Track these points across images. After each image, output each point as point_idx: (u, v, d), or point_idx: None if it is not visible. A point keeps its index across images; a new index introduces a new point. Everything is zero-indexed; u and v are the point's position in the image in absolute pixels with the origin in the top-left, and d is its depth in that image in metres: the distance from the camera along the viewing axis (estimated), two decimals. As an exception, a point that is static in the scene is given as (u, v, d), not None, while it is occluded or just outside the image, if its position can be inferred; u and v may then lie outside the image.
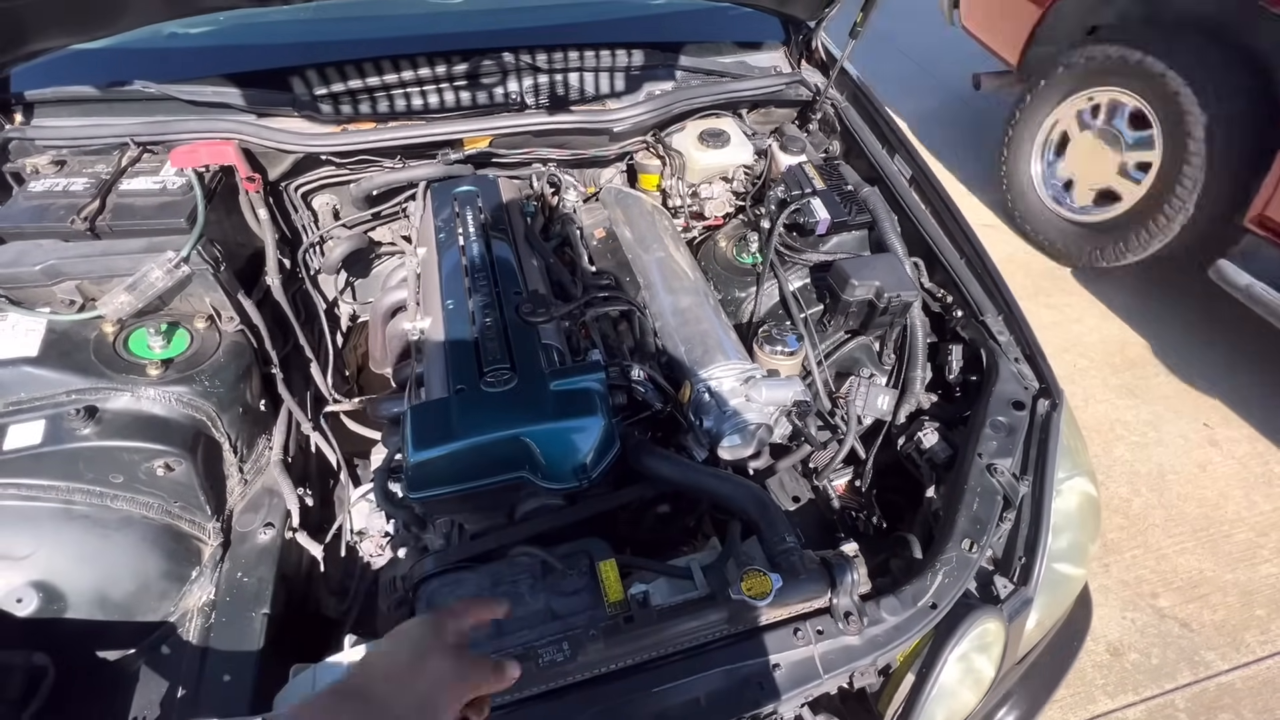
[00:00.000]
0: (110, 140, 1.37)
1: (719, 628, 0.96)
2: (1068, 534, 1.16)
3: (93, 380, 1.17)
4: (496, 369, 1.12)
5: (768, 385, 1.20)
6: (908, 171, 1.56)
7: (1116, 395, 2.70)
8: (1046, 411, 1.20)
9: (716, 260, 1.60)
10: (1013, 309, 1.31)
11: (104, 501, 1.14)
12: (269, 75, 1.47)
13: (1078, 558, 1.18)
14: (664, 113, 1.57)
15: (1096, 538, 1.21)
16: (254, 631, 1.19)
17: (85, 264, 1.22)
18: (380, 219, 1.68)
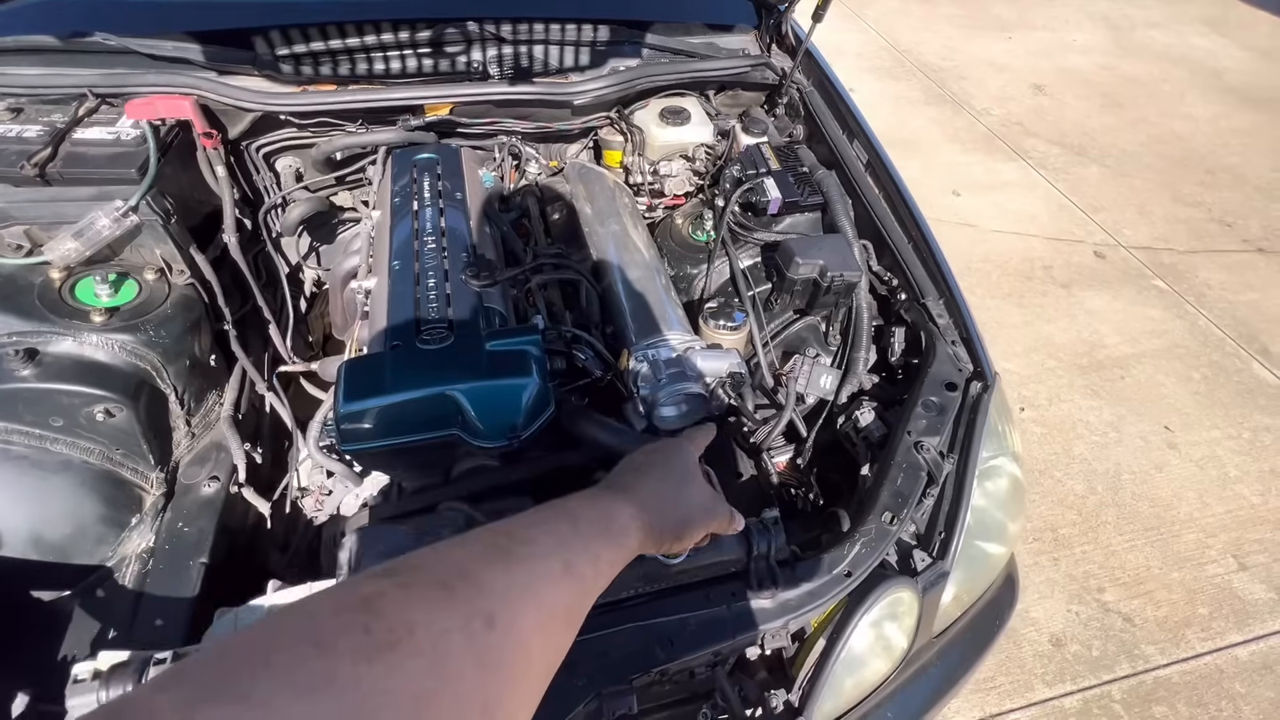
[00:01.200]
0: (68, 90, 1.38)
1: (634, 585, 0.98)
2: (990, 513, 1.18)
3: (35, 324, 1.18)
4: (434, 328, 1.14)
5: (703, 356, 1.21)
6: (864, 156, 1.57)
7: (1081, 396, 2.73)
8: (978, 393, 1.23)
9: (672, 237, 1.62)
10: (954, 292, 1.33)
11: (43, 444, 1.16)
12: (231, 33, 1.48)
13: (1000, 536, 1.20)
14: (627, 88, 1.58)
15: (1019, 518, 1.24)
16: (191, 580, 1.21)
17: (34, 209, 1.22)
18: (342, 183, 1.68)
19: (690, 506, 0.65)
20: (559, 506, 0.52)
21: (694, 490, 0.67)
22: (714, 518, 0.68)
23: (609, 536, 0.52)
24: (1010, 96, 4.85)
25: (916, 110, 4.61)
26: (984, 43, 5.54)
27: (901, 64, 5.18)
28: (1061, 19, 6.06)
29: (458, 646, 0.34)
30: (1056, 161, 4.17)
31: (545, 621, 0.41)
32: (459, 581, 0.37)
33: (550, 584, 0.42)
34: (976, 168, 4.08)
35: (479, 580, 0.38)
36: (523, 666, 0.38)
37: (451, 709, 0.33)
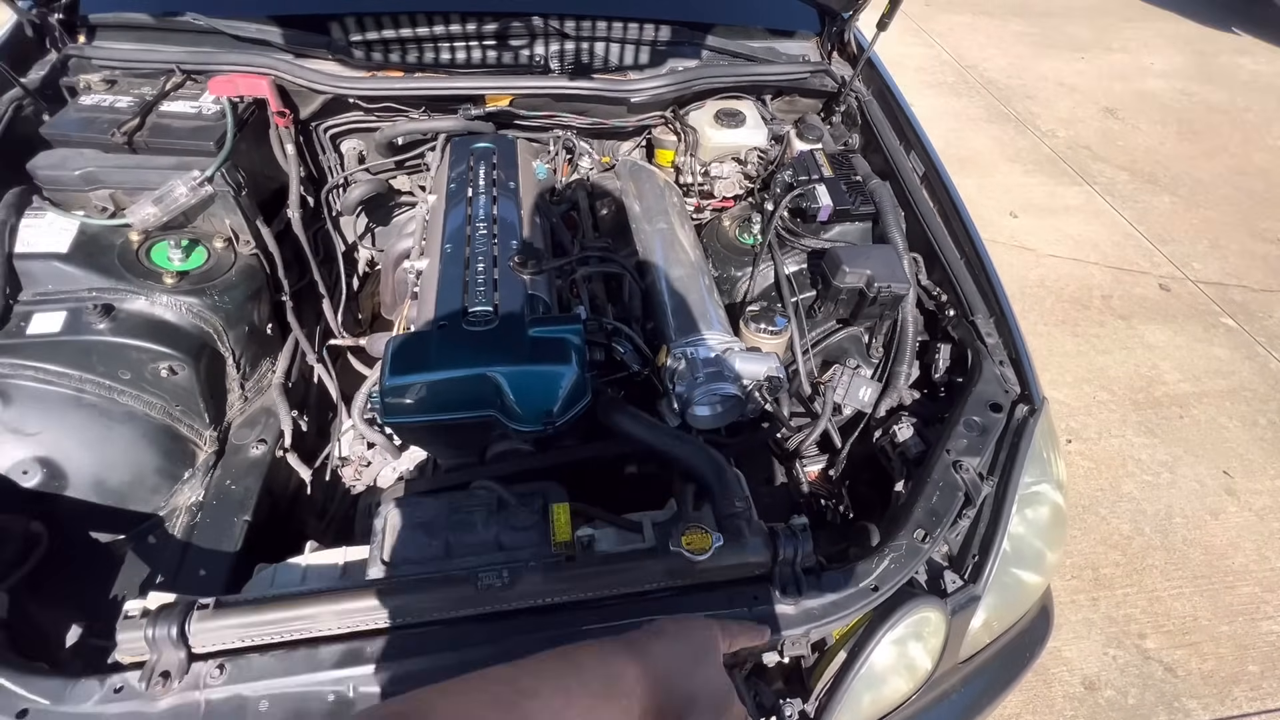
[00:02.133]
0: (158, 65, 1.46)
1: (658, 579, 0.99)
2: (1028, 540, 1.15)
3: (113, 281, 1.26)
4: (480, 311, 1.16)
5: (742, 358, 1.21)
6: (921, 169, 1.55)
7: (1134, 432, 2.61)
8: (1023, 416, 1.19)
9: (719, 239, 1.62)
10: (1005, 312, 1.29)
11: (111, 395, 1.23)
12: (309, 18, 1.54)
13: (1037, 565, 1.16)
14: (684, 88, 1.59)
15: (1058, 548, 1.19)
16: (234, 535, 1.27)
17: (120, 174, 1.30)
18: (401, 167, 1.74)
19: (701, 686, 0.59)
20: (567, 656, 0.52)
21: (710, 670, 0.61)
22: (724, 712, 0.60)
23: (611, 698, 0.51)
24: (1079, 119, 4.68)
25: (977, 128, 4.48)
26: (1055, 62, 5.36)
27: (965, 80, 5.06)
28: (1140, 41, 5.81)
29: None
30: (1124, 188, 4.01)
31: None
32: None
33: None
34: (1037, 190, 3.95)
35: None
36: None
37: None
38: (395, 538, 1.01)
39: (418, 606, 0.93)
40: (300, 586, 1.01)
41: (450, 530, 1.02)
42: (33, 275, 1.23)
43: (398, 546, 1.00)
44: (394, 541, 1.00)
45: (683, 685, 0.57)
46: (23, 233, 1.25)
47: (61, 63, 1.46)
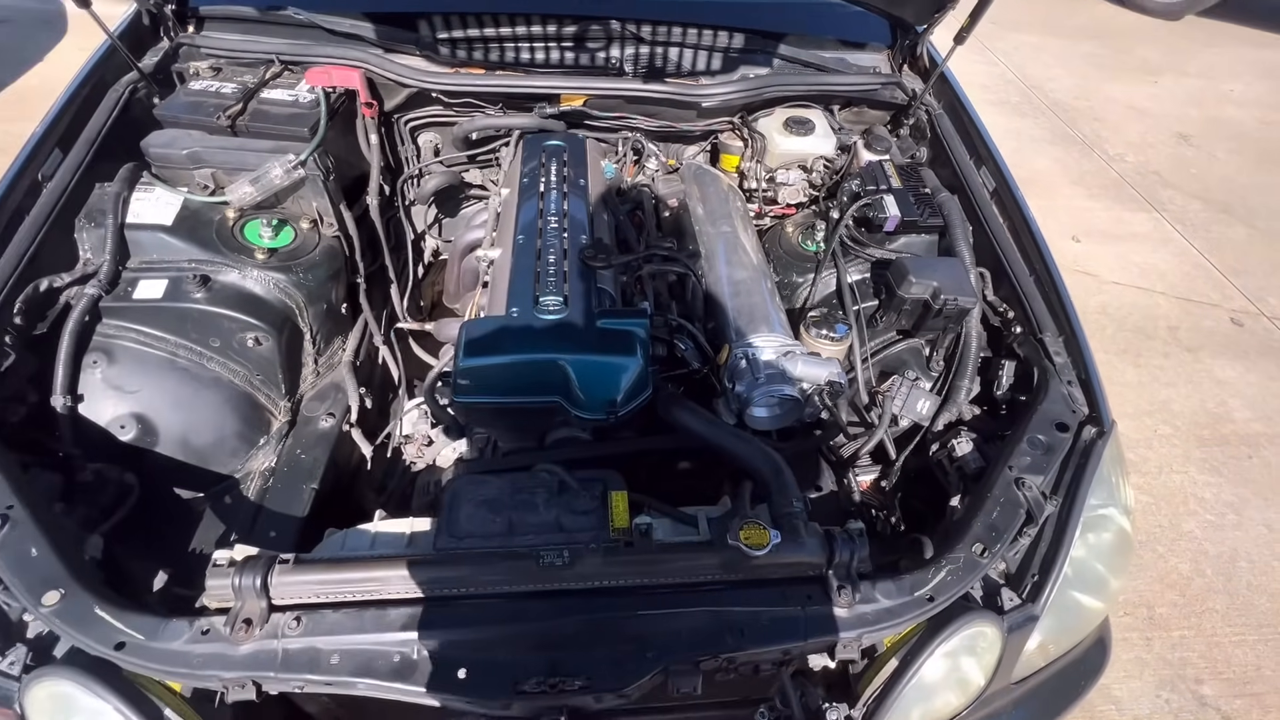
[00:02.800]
0: (260, 55, 1.56)
1: (712, 571, 1.00)
2: (1091, 564, 1.12)
3: (210, 254, 1.35)
4: (551, 300, 1.20)
5: (804, 362, 1.22)
6: (991, 184, 1.53)
7: (1198, 470, 2.50)
8: (1092, 438, 1.16)
9: (781, 245, 1.63)
10: (1076, 332, 1.27)
11: (201, 360, 1.31)
12: (400, 15, 1.62)
13: (1099, 591, 1.14)
14: (754, 95, 1.61)
15: (1123, 575, 1.16)
16: (302, 501, 1.33)
17: (222, 155, 1.39)
18: (474, 161, 1.80)
19: None
20: None
21: None
22: None
23: None
24: (1149, 144, 4.52)
25: (1040, 149, 4.37)
26: (1125, 85, 5.19)
27: (1029, 100, 4.94)
28: (1220, 66, 5.58)
29: None
30: (1196, 217, 3.85)
31: None
32: None
33: None
34: (1101, 214, 3.82)
35: None
36: None
37: None
38: (461, 511, 1.05)
39: (481, 578, 0.96)
40: (369, 551, 1.05)
41: (513, 509, 1.06)
42: (140, 244, 1.33)
43: (463, 520, 1.04)
44: (460, 515, 1.04)
45: None
46: (133, 205, 1.34)
47: (173, 50, 1.57)
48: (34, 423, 1.17)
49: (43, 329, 1.19)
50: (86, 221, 1.29)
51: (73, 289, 1.24)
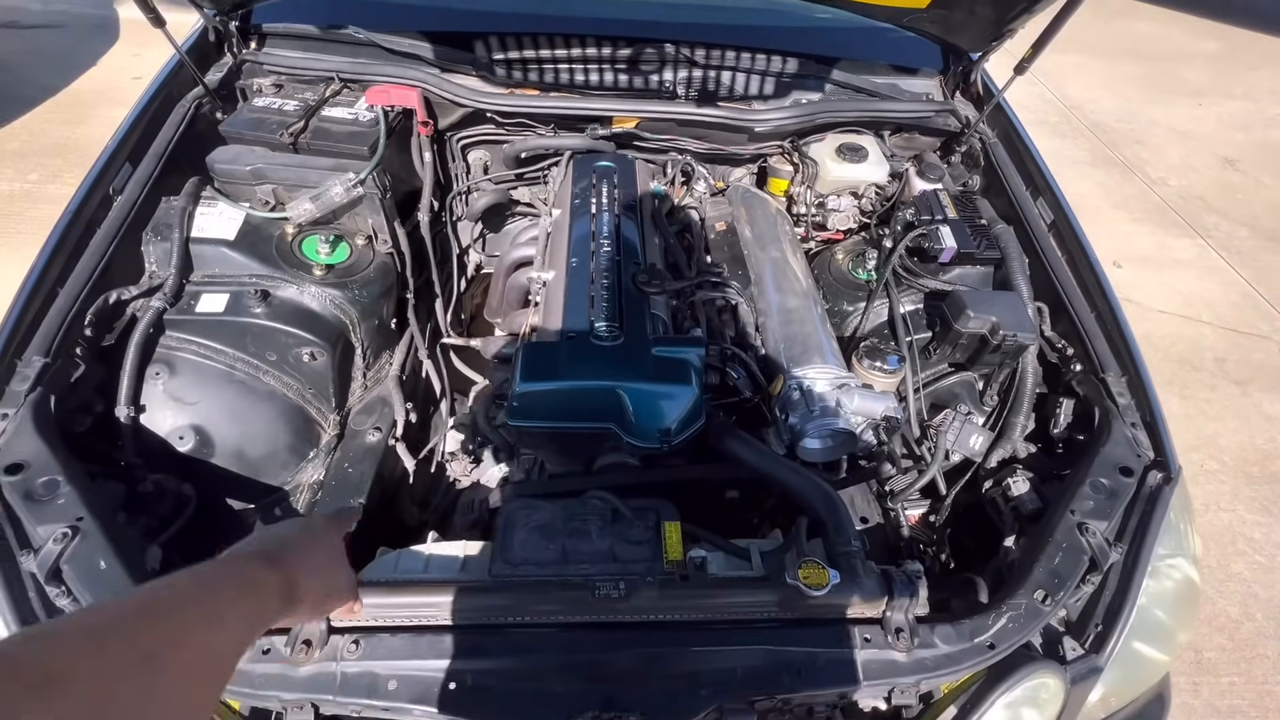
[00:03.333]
0: (321, 73, 1.59)
1: (768, 609, 0.99)
2: (1158, 615, 1.09)
3: (270, 269, 1.37)
4: (607, 325, 1.20)
5: (860, 395, 1.20)
6: (1049, 216, 1.50)
7: (1247, 509, 2.42)
8: (1158, 484, 1.13)
9: (831, 271, 1.62)
10: (1140, 372, 1.24)
11: (257, 374, 1.33)
12: (457, 36, 1.64)
13: (1164, 643, 1.10)
14: (806, 121, 1.61)
15: (1190, 628, 1.12)
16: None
17: (283, 172, 1.42)
18: (523, 180, 1.82)
19: (334, 583, 0.73)
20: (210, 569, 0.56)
21: (339, 570, 0.74)
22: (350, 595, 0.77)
23: (254, 596, 0.57)
24: (1193, 168, 4.42)
25: (1080, 171, 4.30)
26: (1168, 107, 5.10)
27: (1069, 120, 4.87)
28: (1266, 89, 5.46)
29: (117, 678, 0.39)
30: (1243, 245, 3.75)
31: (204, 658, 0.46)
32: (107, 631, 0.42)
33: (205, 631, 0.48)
34: (1144, 240, 3.75)
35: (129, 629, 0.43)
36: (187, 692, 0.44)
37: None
38: (515, 537, 1.05)
39: (536, 607, 0.96)
40: (423, 574, 1.06)
41: (566, 536, 1.05)
42: (204, 258, 1.35)
43: (517, 547, 1.04)
44: (514, 541, 1.04)
45: (317, 585, 0.67)
46: (197, 219, 1.37)
47: (237, 66, 1.60)
48: (98, 432, 1.19)
49: (110, 340, 1.22)
50: (153, 235, 1.32)
51: (139, 301, 1.26)
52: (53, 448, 1.02)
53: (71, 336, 1.14)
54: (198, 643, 0.46)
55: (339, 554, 0.75)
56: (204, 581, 0.53)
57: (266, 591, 0.59)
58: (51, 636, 0.41)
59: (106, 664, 0.39)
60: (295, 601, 0.62)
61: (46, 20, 4.72)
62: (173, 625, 0.45)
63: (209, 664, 0.47)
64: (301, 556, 0.65)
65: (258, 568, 0.60)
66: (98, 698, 0.37)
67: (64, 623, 0.45)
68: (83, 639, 0.40)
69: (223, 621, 0.50)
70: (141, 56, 4.29)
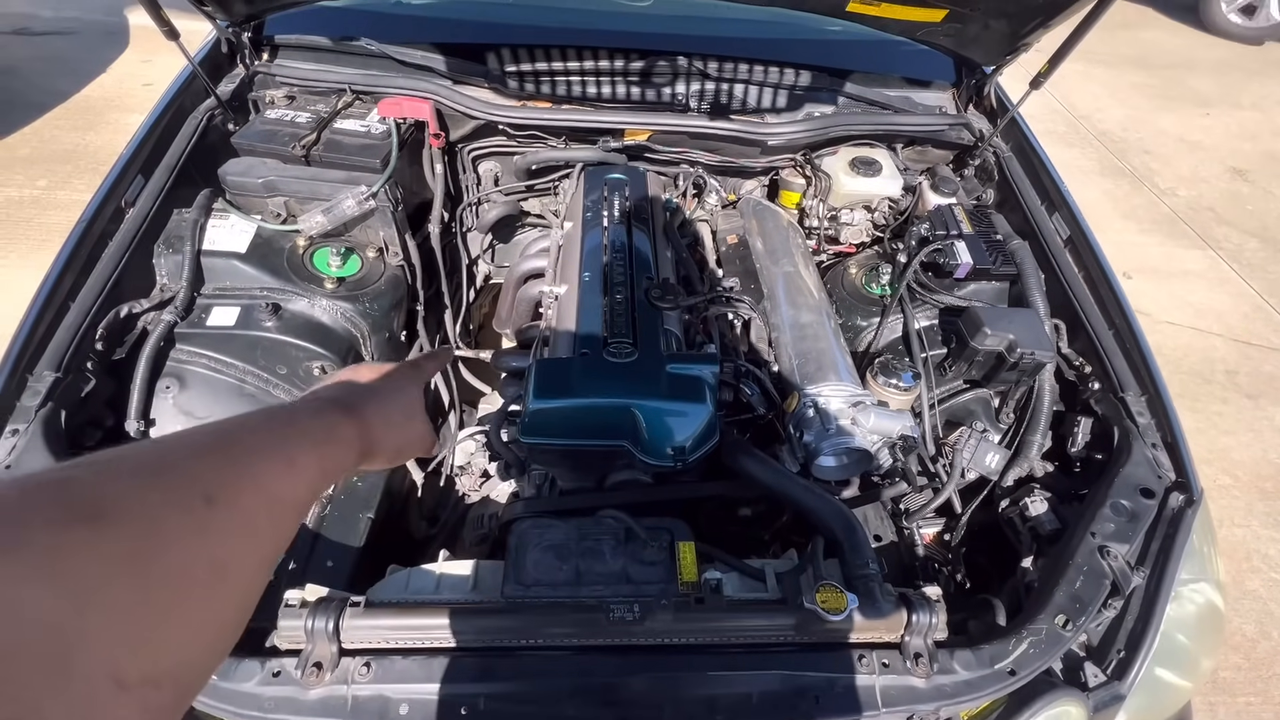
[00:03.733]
0: (333, 85, 1.59)
1: (785, 633, 0.97)
2: (1180, 640, 1.07)
3: (281, 282, 1.36)
4: (620, 341, 1.19)
5: (877, 413, 1.19)
6: (1065, 231, 1.49)
7: (1262, 524, 2.40)
8: (1180, 506, 1.11)
9: (844, 286, 1.60)
10: (1160, 391, 1.22)
11: (267, 387, 1.32)
12: (469, 48, 1.64)
13: (1187, 670, 1.08)
14: (819, 134, 1.60)
15: (1214, 654, 1.10)
16: (358, 530, 1.33)
17: (296, 184, 1.41)
18: (533, 191, 1.81)
19: (410, 436, 0.67)
20: (284, 411, 0.52)
21: (417, 423, 0.68)
22: (426, 448, 0.70)
23: (329, 445, 0.52)
24: (1202, 178, 4.40)
25: (1088, 181, 4.29)
26: (1176, 117, 5.08)
27: (1077, 130, 4.86)
28: (1274, 99, 5.44)
29: (173, 519, 0.35)
30: (1254, 256, 3.73)
31: (269, 505, 0.42)
32: (168, 469, 0.38)
33: (272, 475, 0.44)
34: (1153, 250, 3.73)
35: (191, 467, 0.39)
36: (248, 540, 0.40)
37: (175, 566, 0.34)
38: (528, 557, 1.03)
39: (550, 630, 0.95)
40: (435, 594, 1.04)
41: (579, 556, 1.04)
42: (215, 270, 1.35)
43: (530, 567, 1.02)
44: (526, 561, 1.03)
45: (394, 439, 0.63)
46: (209, 232, 1.37)
47: (250, 78, 1.60)
48: (108, 447, 1.19)
49: (121, 354, 1.21)
50: (165, 248, 1.31)
51: (150, 314, 1.26)
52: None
53: (83, 350, 1.14)
54: (265, 489, 0.42)
55: (417, 406, 0.70)
56: (278, 423, 0.49)
57: (343, 442, 0.54)
58: (109, 469, 0.37)
59: (163, 502, 0.36)
60: (371, 455, 0.58)
61: (57, 27, 4.75)
62: (238, 467, 0.41)
63: (275, 512, 0.43)
64: (381, 407, 0.61)
65: (337, 416, 0.55)
66: (149, 538, 0.34)
67: (125, 455, 0.39)
68: (142, 475, 0.37)
69: (293, 468, 0.46)
70: (152, 63, 4.31)
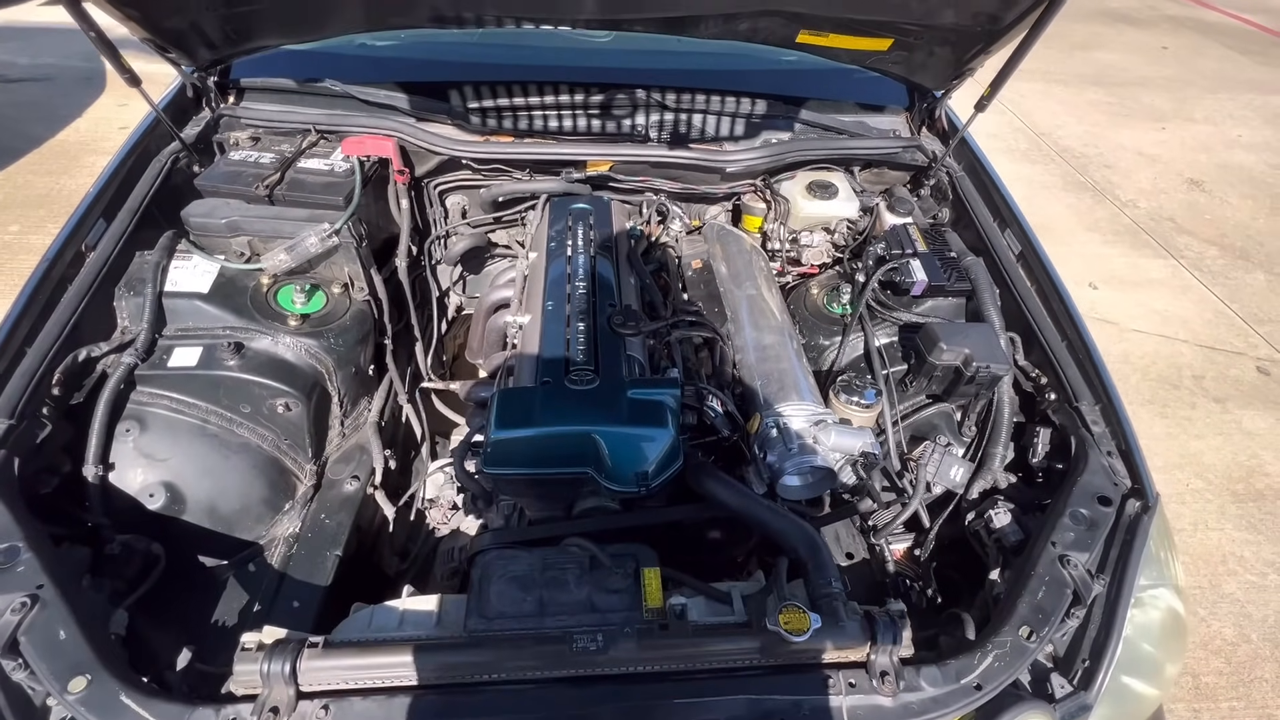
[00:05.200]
0: (298, 125, 1.61)
1: (750, 656, 0.97)
2: (1144, 648, 1.08)
3: (245, 321, 1.36)
4: (581, 369, 1.20)
5: (838, 431, 1.20)
6: (1017, 247, 1.53)
7: (1235, 527, 2.43)
8: (1136, 512, 1.13)
9: (806, 307, 1.63)
10: (1113, 400, 1.25)
11: (231, 426, 1.31)
12: (432, 86, 1.68)
13: (1153, 677, 1.09)
14: (777, 160, 1.64)
15: (1178, 660, 1.11)
16: (326, 569, 1.31)
17: (259, 224, 1.43)
18: (500, 223, 1.84)
19: None
20: None
21: None
22: None
23: None
24: (1161, 190, 4.55)
25: (1052, 196, 4.41)
26: (1134, 132, 5.26)
27: (1039, 147, 5.01)
28: (1225, 113, 5.66)
29: None
30: (1214, 264, 3.84)
31: None
32: None
33: None
34: (1118, 261, 3.83)
35: None
36: None
37: None
38: (491, 589, 1.03)
39: (513, 664, 0.94)
40: (398, 631, 1.03)
41: (544, 586, 1.03)
42: (177, 311, 1.35)
43: (494, 599, 1.02)
44: (490, 593, 1.02)
45: None
46: (171, 273, 1.37)
47: (214, 121, 1.62)
48: (65, 492, 1.17)
49: (79, 398, 1.20)
50: (126, 290, 1.31)
51: (110, 357, 1.25)
52: (14, 512, 0.99)
53: (39, 396, 1.13)
54: None
55: None
56: None
57: None
58: None
59: None
60: None
61: (33, 74, 4.78)
62: None
63: None
64: None
65: None
66: None
67: None
68: None
69: None
70: (128, 106, 4.34)
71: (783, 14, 1.42)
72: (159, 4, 1.34)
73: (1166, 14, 7.97)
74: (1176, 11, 8.09)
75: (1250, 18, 8.02)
